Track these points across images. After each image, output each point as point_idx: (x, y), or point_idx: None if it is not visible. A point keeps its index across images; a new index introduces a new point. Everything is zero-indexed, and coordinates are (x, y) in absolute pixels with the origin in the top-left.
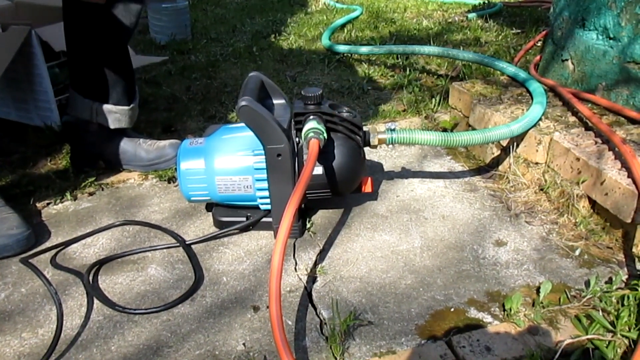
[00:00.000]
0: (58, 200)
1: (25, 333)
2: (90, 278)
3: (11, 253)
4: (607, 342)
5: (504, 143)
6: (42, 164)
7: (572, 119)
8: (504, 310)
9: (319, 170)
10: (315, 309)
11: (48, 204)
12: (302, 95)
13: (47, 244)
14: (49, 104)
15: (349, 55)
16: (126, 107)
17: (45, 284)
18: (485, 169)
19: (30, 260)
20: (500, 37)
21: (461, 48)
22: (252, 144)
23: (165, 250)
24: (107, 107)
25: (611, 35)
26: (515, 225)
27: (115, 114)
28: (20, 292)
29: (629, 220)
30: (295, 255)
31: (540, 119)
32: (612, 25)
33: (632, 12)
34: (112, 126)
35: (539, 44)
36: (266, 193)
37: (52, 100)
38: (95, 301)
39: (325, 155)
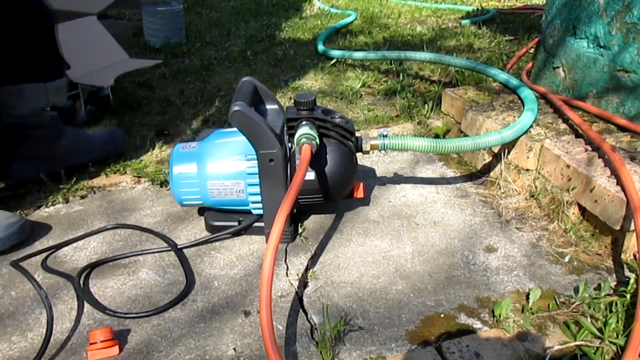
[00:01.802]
0: (50, 203)
1: (14, 336)
2: (81, 282)
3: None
4: (595, 349)
5: (496, 149)
6: None
7: (562, 126)
8: (494, 316)
9: (311, 175)
10: (306, 314)
11: (39, 206)
12: (295, 101)
13: (38, 247)
14: None
15: (343, 60)
16: (66, 80)
17: (35, 288)
18: (477, 175)
19: (20, 264)
20: (493, 44)
21: (454, 54)
22: (244, 149)
23: (156, 254)
24: (58, 82)
25: (602, 44)
26: (505, 232)
27: (63, 89)
28: (10, 296)
29: (618, 227)
30: (287, 260)
31: (531, 126)
32: (602, 33)
33: (622, 20)
34: (63, 103)
35: (532, 51)
36: (258, 198)
37: None
38: (86, 305)
39: (317, 160)
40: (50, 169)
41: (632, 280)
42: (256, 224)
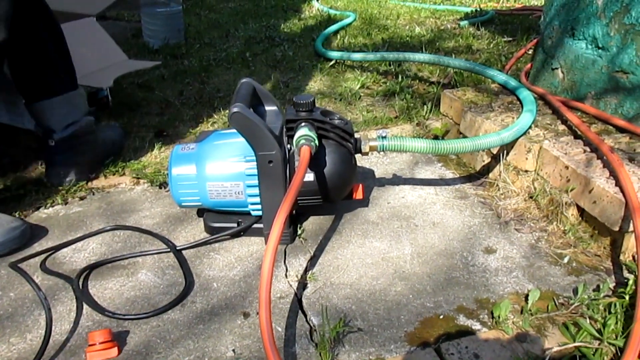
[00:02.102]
0: (49, 205)
1: (13, 338)
2: (80, 283)
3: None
4: (594, 350)
5: (494, 151)
6: (33, 168)
7: (561, 127)
8: (493, 317)
9: (310, 176)
10: (305, 315)
11: (38, 208)
12: (294, 102)
13: (37, 248)
14: None
15: (342, 61)
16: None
17: (34, 289)
18: (476, 177)
19: (19, 265)
20: (491, 45)
21: (453, 56)
22: (243, 150)
23: (155, 255)
24: (82, 88)
25: (600, 45)
26: (504, 233)
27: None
28: (9, 297)
29: (617, 228)
30: (286, 262)
31: (530, 127)
32: (601, 35)
33: (621, 22)
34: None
35: (530, 52)
36: (257, 199)
37: None
38: (85, 306)
39: (316, 162)
40: (96, 169)
41: (631, 282)
42: (255, 226)
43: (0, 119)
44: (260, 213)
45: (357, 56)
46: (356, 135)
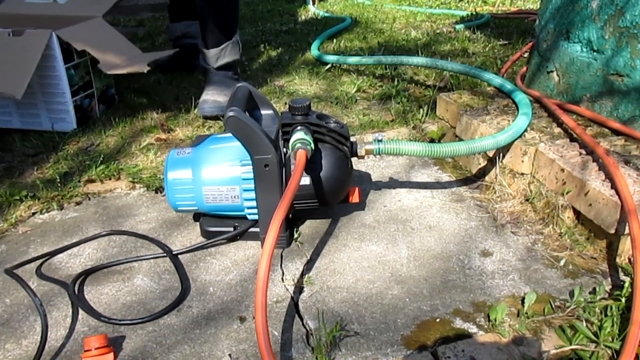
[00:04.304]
0: (44, 210)
1: (8, 344)
2: (76, 288)
3: None
4: (590, 353)
5: (490, 154)
6: (29, 173)
7: (557, 130)
8: (489, 320)
9: (306, 180)
10: (301, 319)
11: (34, 213)
12: (289, 106)
13: (33, 254)
14: (66, 106)
15: (338, 65)
16: None
17: (30, 295)
18: (472, 179)
19: (15, 271)
20: (487, 49)
21: (449, 59)
22: (239, 154)
23: (152, 260)
24: None
25: (595, 48)
26: (501, 236)
27: None
28: (5, 303)
29: (612, 231)
30: (282, 266)
31: (525, 130)
32: (596, 37)
33: (616, 25)
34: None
35: (526, 55)
36: (253, 203)
37: (69, 101)
38: (81, 312)
39: (312, 165)
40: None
41: (627, 284)
42: (251, 230)
43: (9, 125)
44: (256, 217)
45: (353, 60)
46: (352, 139)
